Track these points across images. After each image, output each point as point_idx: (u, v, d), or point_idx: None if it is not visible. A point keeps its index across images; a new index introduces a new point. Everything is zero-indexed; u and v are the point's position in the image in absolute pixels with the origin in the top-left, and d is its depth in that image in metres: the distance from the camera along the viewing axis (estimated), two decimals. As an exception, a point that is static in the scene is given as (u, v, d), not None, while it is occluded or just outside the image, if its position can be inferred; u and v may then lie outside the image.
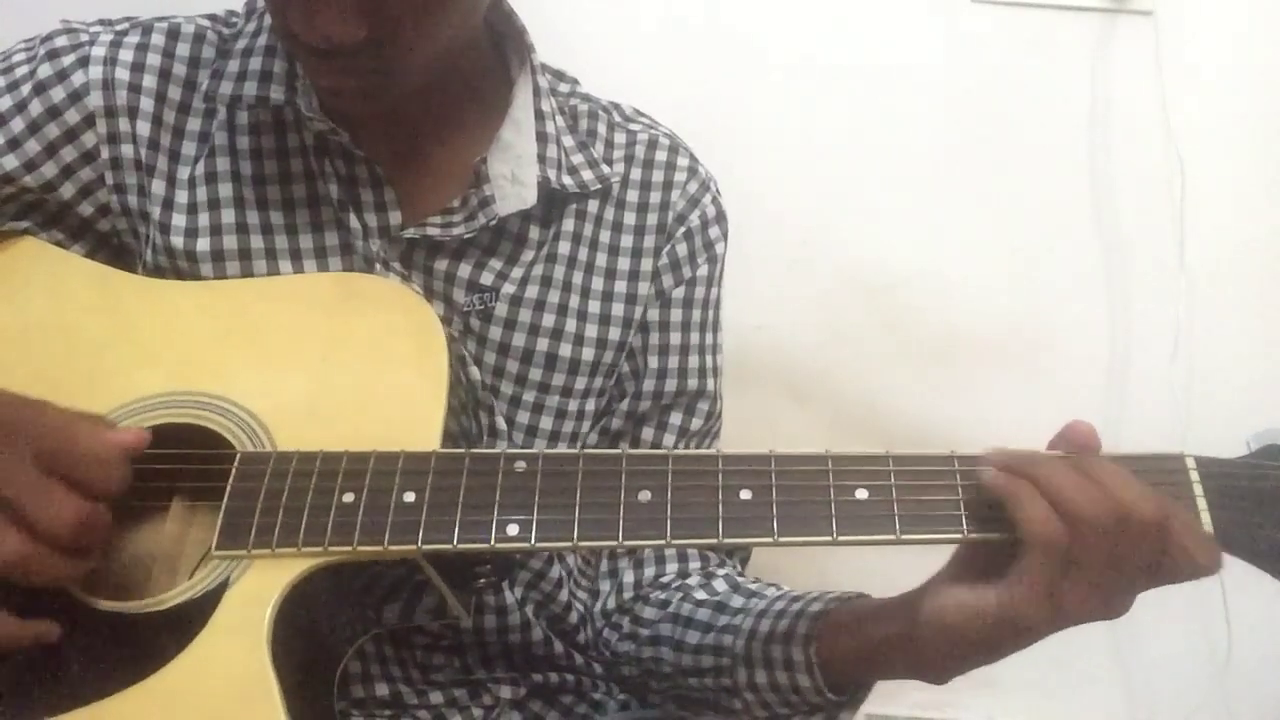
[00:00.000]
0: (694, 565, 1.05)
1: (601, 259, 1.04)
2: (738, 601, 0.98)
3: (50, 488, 0.75)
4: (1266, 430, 0.79)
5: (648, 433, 1.07)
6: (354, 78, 0.87)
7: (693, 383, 1.07)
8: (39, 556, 0.74)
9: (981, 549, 0.76)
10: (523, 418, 1.02)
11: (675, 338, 1.06)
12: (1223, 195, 1.67)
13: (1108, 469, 0.73)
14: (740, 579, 1.04)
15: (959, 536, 0.75)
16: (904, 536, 0.75)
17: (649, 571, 1.06)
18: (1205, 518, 0.75)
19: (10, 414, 0.78)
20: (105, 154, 0.96)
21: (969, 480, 0.76)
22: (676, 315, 1.06)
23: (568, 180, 1.01)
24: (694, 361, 1.07)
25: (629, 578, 1.06)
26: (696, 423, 1.08)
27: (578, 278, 1.03)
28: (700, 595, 1.01)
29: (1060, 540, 0.71)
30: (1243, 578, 0.79)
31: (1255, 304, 1.70)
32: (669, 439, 1.06)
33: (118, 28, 0.99)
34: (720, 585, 1.03)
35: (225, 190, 0.97)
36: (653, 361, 1.06)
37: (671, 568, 1.06)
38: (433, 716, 1.00)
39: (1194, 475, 0.76)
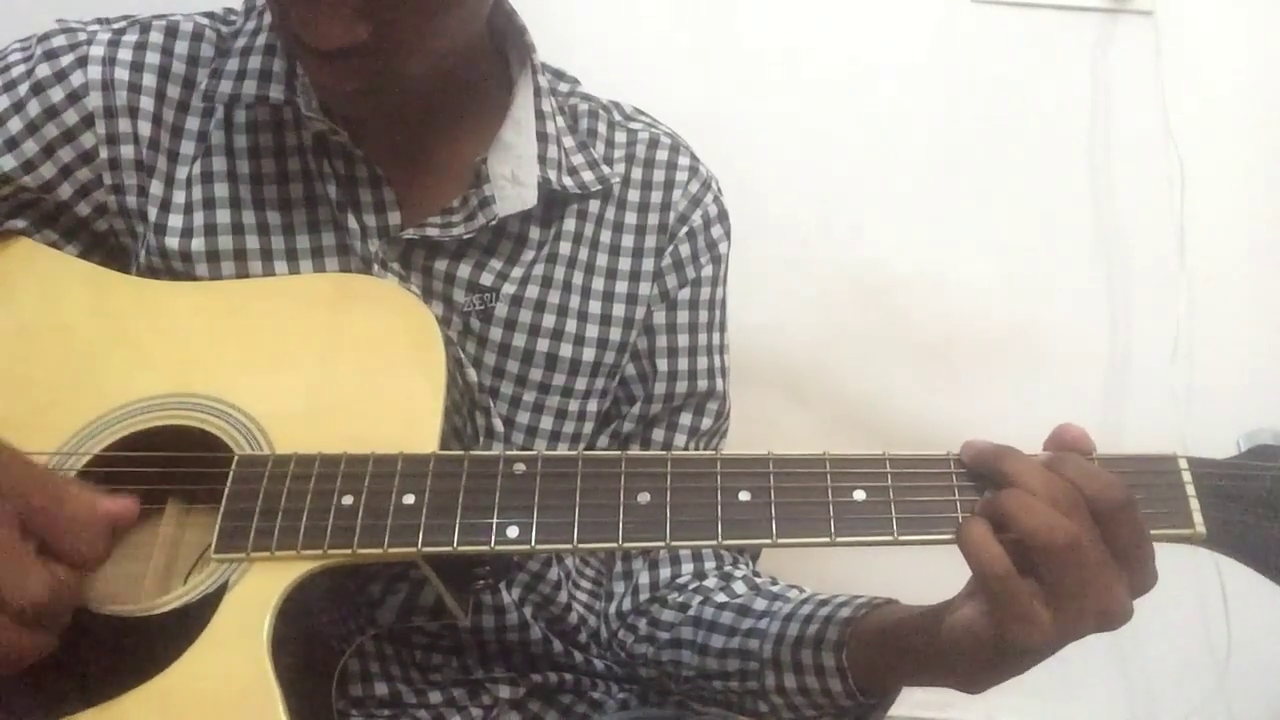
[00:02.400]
0: (709, 565, 1.05)
1: (602, 259, 1.04)
2: (760, 605, 0.98)
3: (24, 556, 0.70)
4: (1257, 430, 0.80)
5: (658, 434, 1.07)
6: (356, 79, 0.86)
7: (702, 383, 1.07)
8: (2, 629, 0.70)
9: None
10: (523, 418, 1.02)
11: (683, 339, 1.06)
12: (1223, 195, 1.66)
13: (1072, 464, 0.74)
14: (758, 580, 1.04)
15: (955, 537, 0.75)
16: (901, 537, 0.76)
17: (664, 573, 1.06)
18: (1197, 518, 0.76)
19: (1, 470, 0.73)
20: (104, 154, 0.96)
21: (965, 481, 0.77)
22: (683, 317, 1.06)
23: (568, 181, 1.01)
24: (703, 362, 1.07)
25: (644, 579, 1.06)
26: (707, 422, 1.08)
27: (578, 278, 1.03)
28: (721, 598, 1.01)
29: (996, 572, 0.71)
30: (1243, 578, 0.79)
31: (1255, 304, 1.70)
32: (680, 439, 1.07)
33: (115, 26, 0.98)
34: (740, 587, 1.03)
35: (221, 190, 0.97)
36: (662, 364, 1.06)
37: (687, 568, 1.06)
38: (431, 716, 1.00)
39: (1186, 476, 0.77)
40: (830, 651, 0.88)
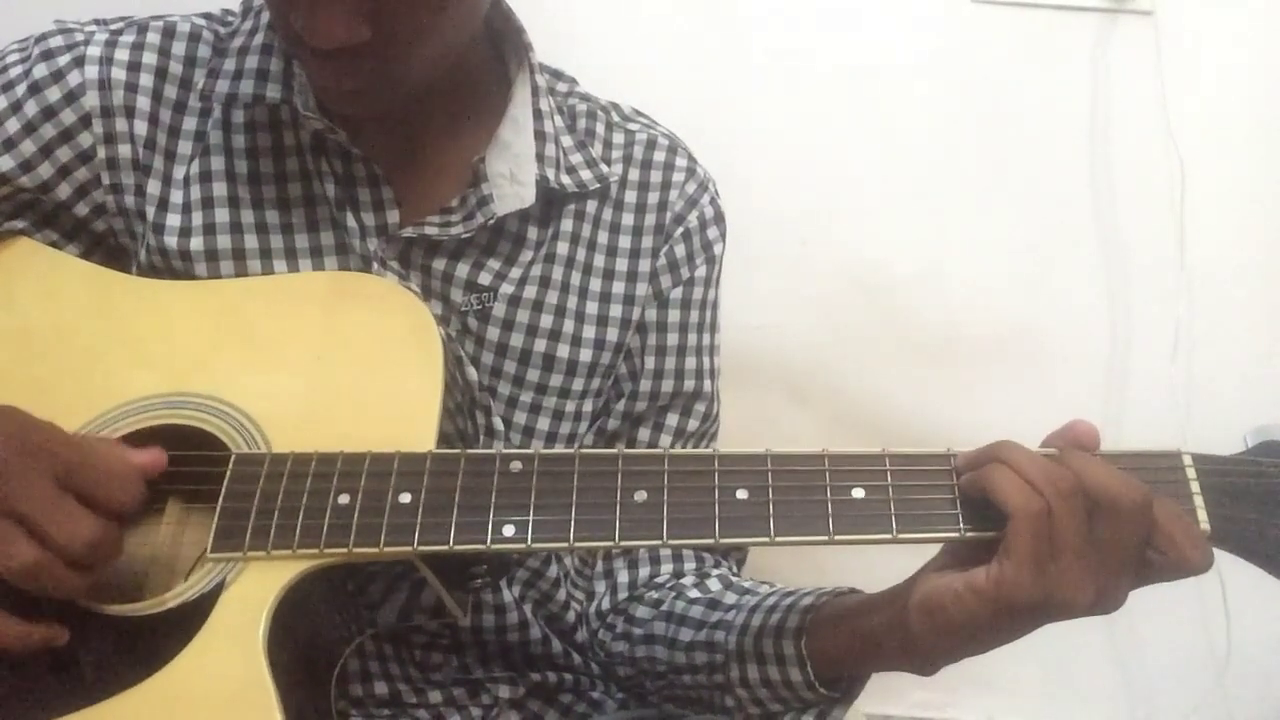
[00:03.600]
0: (689, 566, 1.06)
1: (599, 260, 1.04)
2: (730, 598, 0.98)
3: (67, 504, 0.75)
4: (1264, 426, 0.79)
5: (644, 433, 1.06)
6: (356, 79, 0.86)
7: (689, 384, 1.07)
8: (51, 569, 0.74)
9: (971, 543, 0.76)
10: (520, 418, 1.02)
11: (672, 338, 1.06)
12: (1223, 195, 1.66)
13: (1079, 455, 0.74)
14: (734, 578, 1.04)
15: (956, 535, 0.75)
16: (901, 536, 0.75)
17: (644, 572, 1.06)
18: (1202, 515, 0.75)
19: (29, 432, 0.78)
20: (102, 154, 0.96)
21: None
22: (674, 316, 1.06)
23: (566, 180, 1.01)
24: (691, 363, 1.07)
25: (624, 578, 1.06)
26: (693, 424, 1.08)
27: (576, 278, 1.03)
28: (694, 594, 1.01)
29: (1038, 506, 0.71)
30: (1243, 578, 0.79)
31: (1255, 304, 1.70)
32: (665, 440, 1.06)
33: (113, 27, 0.98)
34: (714, 584, 1.03)
35: (220, 189, 0.97)
36: (649, 362, 1.06)
37: (666, 568, 1.06)
38: (431, 715, 1.00)
39: (1191, 473, 0.77)
40: (790, 639, 0.88)
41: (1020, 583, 0.71)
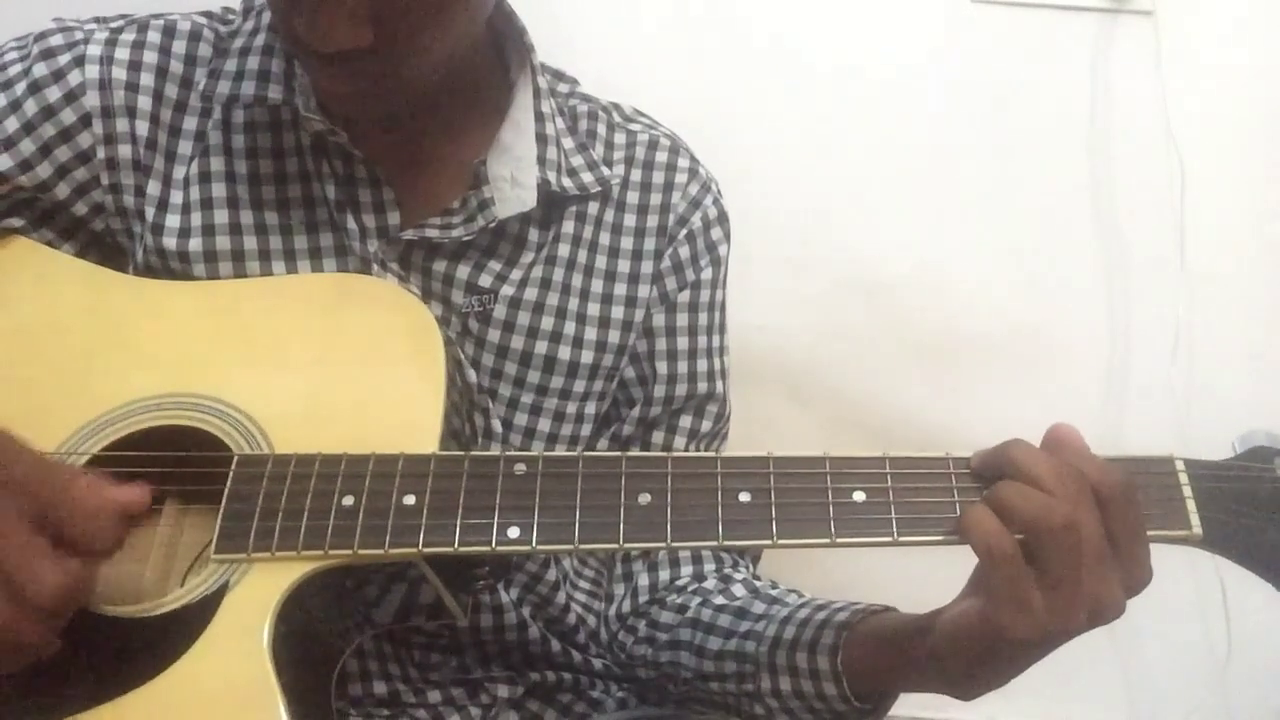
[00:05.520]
0: (709, 568, 1.05)
1: (601, 261, 1.04)
2: (759, 607, 0.98)
3: (39, 550, 0.70)
4: (1252, 432, 0.81)
5: (658, 437, 1.07)
6: (358, 81, 0.87)
7: (702, 386, 1.07)
8: (19, 623, 0.70)
9: None
10: (521, 419, 1.02)
11: (683, 342, 1.06)
12: (1223, 195, 1.66)
13: (1046, 473, 0.73)
14: (758, 583, 1.04)
15: (956, 538, 0.75)
16: (901, 538, 0.76)
17: (664, 575, 1.06)
18: (1194, 519, 0.76)
19: (8, 465, 0.73)
20: (101, 154, 0.96)
21: (965, 482, 0.77)
22: (683, 320, 1.06)
23: (567, 182, 1.01)
24: (702, 365, 1.07)
25: (644, 581, 1.06)
26: (706, 425, 1.08)
27: (577, 280, 1.03)
28: (719, 600, 1.01)
29: (1004, 551, 0.71)
30: (1243, 578, 0.79)
31: (1255, 304, 1.69)
32: (679, 441, 1.07)
33: (113, 25, 0.98)
34: (739, 590, 1.03)
35: (219, 190, 0.97)
36: (661, 367, 1.06)
37: (686, 570, 1.06)
38: (430, 715, 1.00)
39: (1182, 477, 0.78)
40: (825, 655, 0.88)
41: (1003, 611, 0.71)
